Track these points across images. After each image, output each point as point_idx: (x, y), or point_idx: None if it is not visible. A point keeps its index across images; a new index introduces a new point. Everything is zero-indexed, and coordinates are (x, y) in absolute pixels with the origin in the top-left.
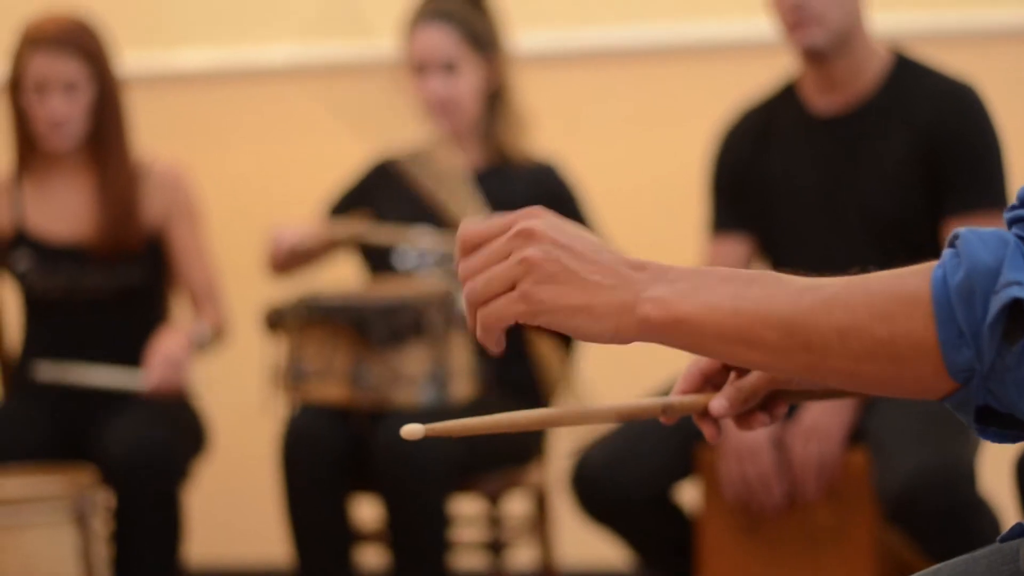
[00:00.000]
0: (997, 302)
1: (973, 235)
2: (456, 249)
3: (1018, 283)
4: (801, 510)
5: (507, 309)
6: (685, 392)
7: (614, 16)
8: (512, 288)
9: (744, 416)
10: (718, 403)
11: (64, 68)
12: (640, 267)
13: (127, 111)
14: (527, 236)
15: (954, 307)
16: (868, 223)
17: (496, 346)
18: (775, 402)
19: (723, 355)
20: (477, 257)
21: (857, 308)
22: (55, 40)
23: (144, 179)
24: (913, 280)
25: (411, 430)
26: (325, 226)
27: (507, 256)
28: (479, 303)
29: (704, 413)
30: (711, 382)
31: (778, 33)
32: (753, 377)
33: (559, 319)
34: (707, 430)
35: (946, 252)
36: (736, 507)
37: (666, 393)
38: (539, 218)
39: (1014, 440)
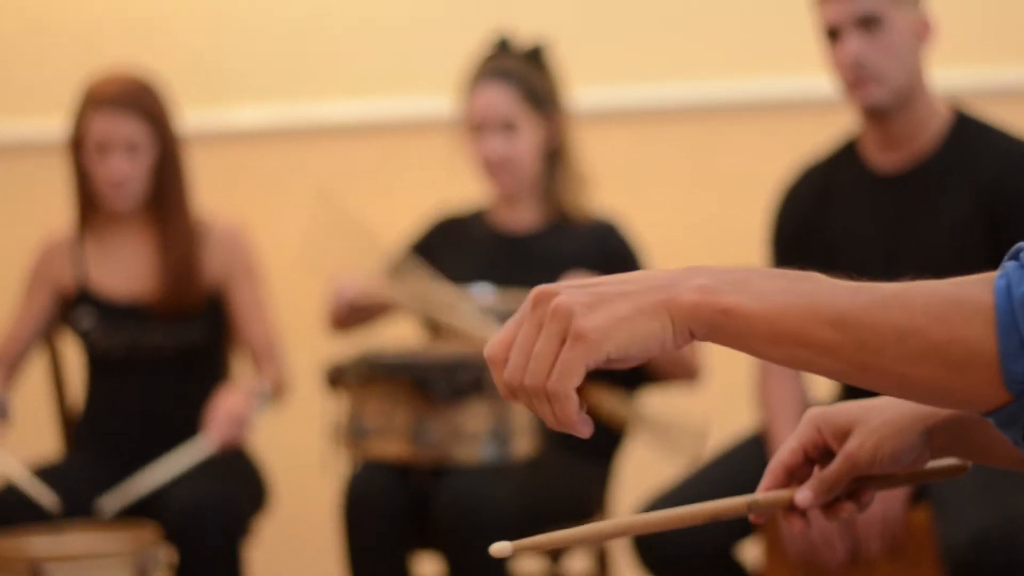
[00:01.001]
0: None
1: None
2: (492, 373)
3: None
4: (864, 568)
5: (569, 362)
6: (770, 488)
7: (674, 72)
8: (562, 345)
9: (831, 506)
10: (803, 495)
11: (126, 129)
12: (677, 270)
13: (188, 170)
14: (545, 298)
15: (1017, 317)
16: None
17: (583, 423)
18: (861, 490)
19: (771, 353)
20: (513, 357)
21: (915, 309)
22: (117, 100)
23: (204, 237)
24: (975, 288)
25: (500, 548)
26: (385, 287)
27: (539, 329)
28: (541, 384)
29: (791, 507)
30: (795, 476)
31: (838, 91)
32: (835, 466)
33: (618, 338)
34: (795, 523)
35: (1009, 264)
36: (799, 565)
37: (749, 487)
38: (546, 285)
39: None
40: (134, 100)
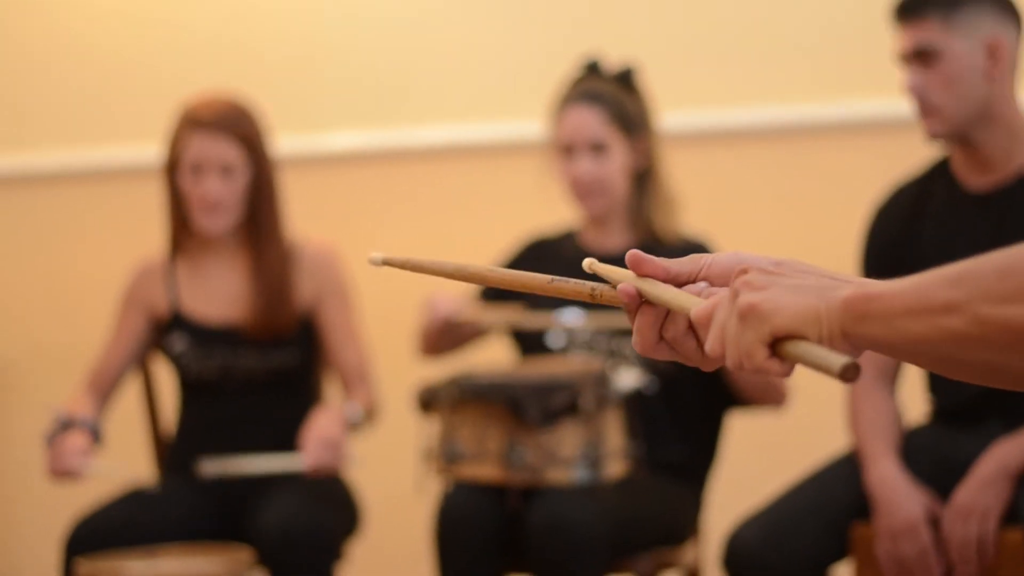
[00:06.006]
0: None
1: None
2: (698, 333)
3: None
4: None
5: (750, 345)
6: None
7: (764, 94)
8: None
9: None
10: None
11: (221, 150)
12: (839, 280)
13: (282, 194)
14: (740, 288)
15: None
16: None
17: (783, 372)
18: None
19: (912, 327)
20: (713, 332)
21: (1016, 251)
22: (214, 123)
23: (296, 260)
24: None
25: (374, 257)
26: (478, 311)
27: (730, 312)
28: (740, 365)
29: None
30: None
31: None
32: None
33: (784, 321)
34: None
35: None
36: None
37: None
38: (747, 279)
39: None
40: (230, 123)
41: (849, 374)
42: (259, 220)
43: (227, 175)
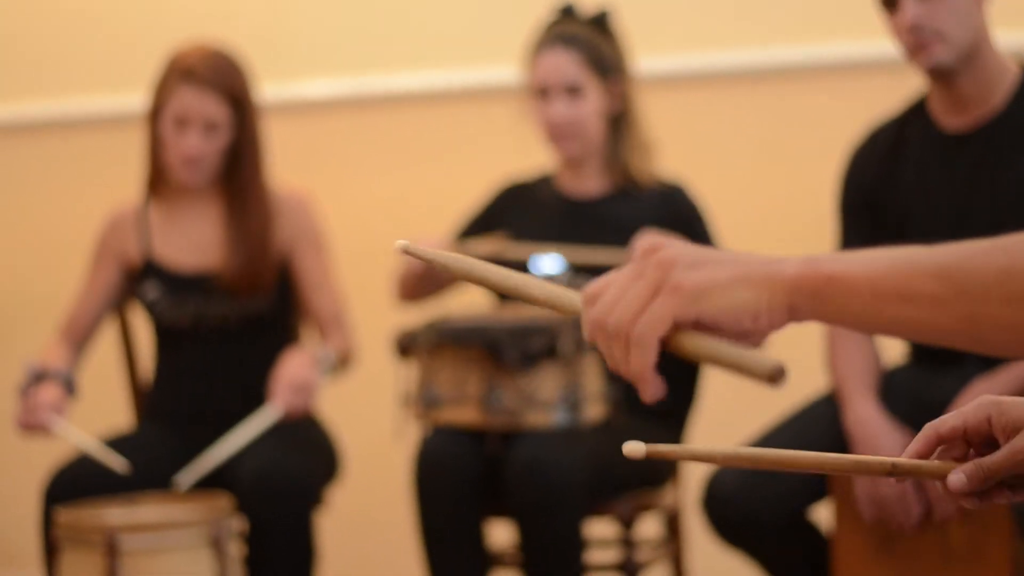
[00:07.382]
0: None
1: None
2: (584, 311)
3: None
4: (937, 529)
5: (661, 310)
6: (917, 452)
7: (739, 38)
8: (657, 295)
9: (983, 492)
10: (957, 479)
11: (208, 107)
12: (779, 257)
13: (265, 149)
14: (653, 250)
15: None
16: None
17: (654, 381)
18: (1019, 484)
19: (878, 316)
20: (607, 295)
21: (1015, 251)
22: (203, 77)
23: (273, 208)
24: None
25: (633, 448)
26: (459, 247)
27: (639, 277)
28: (627, 326)
29: (943, 484)
30: (946, 450)
31: (901, 55)
32: (999, 459)
33: (712, 300)
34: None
35: None
36: (872, 526)
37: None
38: (657, 239)
39: None
40: (220, 79)
41: (778, 377)
42: (240, 173)
43: (210, 131)
